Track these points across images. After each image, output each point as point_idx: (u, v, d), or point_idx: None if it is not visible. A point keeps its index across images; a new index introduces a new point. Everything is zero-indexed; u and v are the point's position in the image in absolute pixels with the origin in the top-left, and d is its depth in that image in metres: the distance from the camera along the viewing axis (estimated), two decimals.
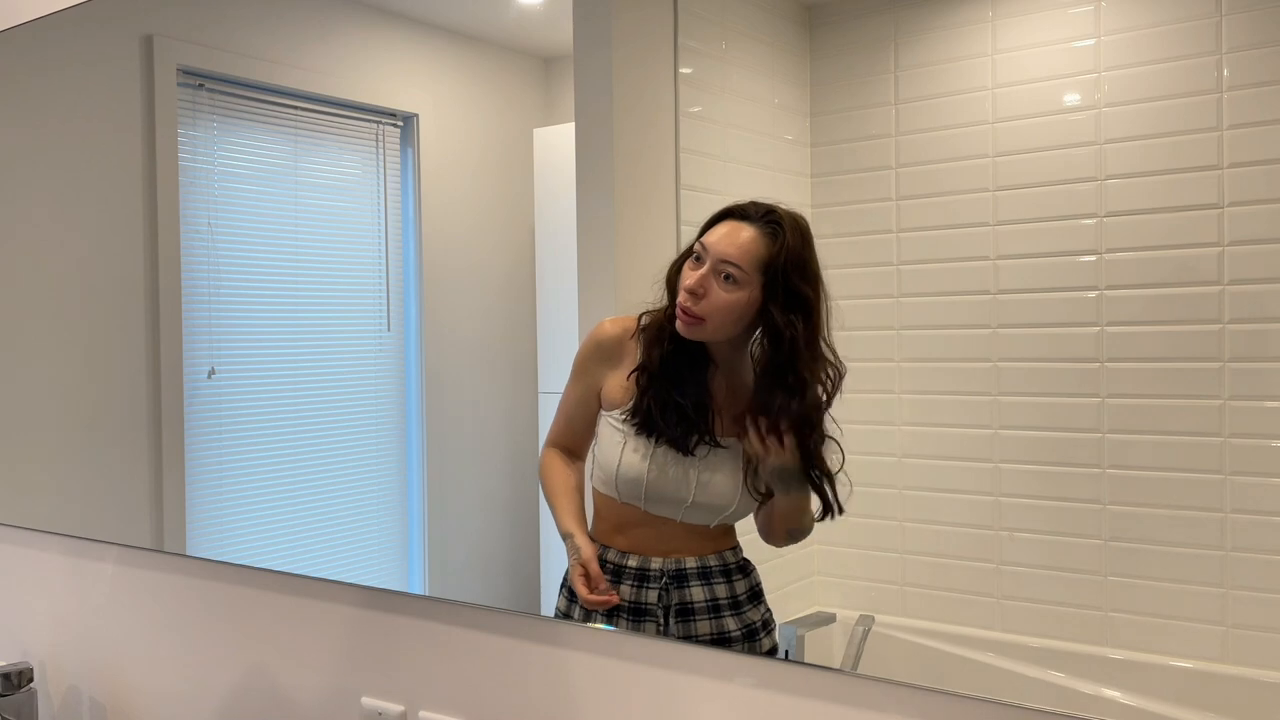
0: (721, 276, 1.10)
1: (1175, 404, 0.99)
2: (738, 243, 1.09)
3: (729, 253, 1.10)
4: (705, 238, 1.12)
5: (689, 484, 1.17)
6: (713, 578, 1.19)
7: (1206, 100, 0.97)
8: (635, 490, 1.19)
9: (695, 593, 1.18)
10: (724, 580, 1.19)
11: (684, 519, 1.18)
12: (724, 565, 1.19)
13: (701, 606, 1.18)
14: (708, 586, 1.18)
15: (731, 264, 1.09)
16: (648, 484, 1.18)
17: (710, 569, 1.19)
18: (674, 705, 1.19)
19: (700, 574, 1.19)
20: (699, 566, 1.19)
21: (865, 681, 1.07)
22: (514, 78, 1.44)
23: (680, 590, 1.19)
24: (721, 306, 1.11)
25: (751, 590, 1.19)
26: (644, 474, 1.18)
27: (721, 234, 1.11)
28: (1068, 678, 1.04)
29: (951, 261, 1.09)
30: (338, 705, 1.50)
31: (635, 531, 1.21)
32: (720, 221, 1.12)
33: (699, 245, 1.12)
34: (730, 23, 1.22)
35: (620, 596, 1.20)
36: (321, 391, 1.64)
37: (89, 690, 1.84)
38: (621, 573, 1.21)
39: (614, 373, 1.21)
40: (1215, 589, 0.97)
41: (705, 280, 1.11)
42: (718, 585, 1.18)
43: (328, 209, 1.65)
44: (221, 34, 1.70)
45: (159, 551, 1.73)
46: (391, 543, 1.58)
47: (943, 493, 1.11)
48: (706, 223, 1.13)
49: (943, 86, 1.09)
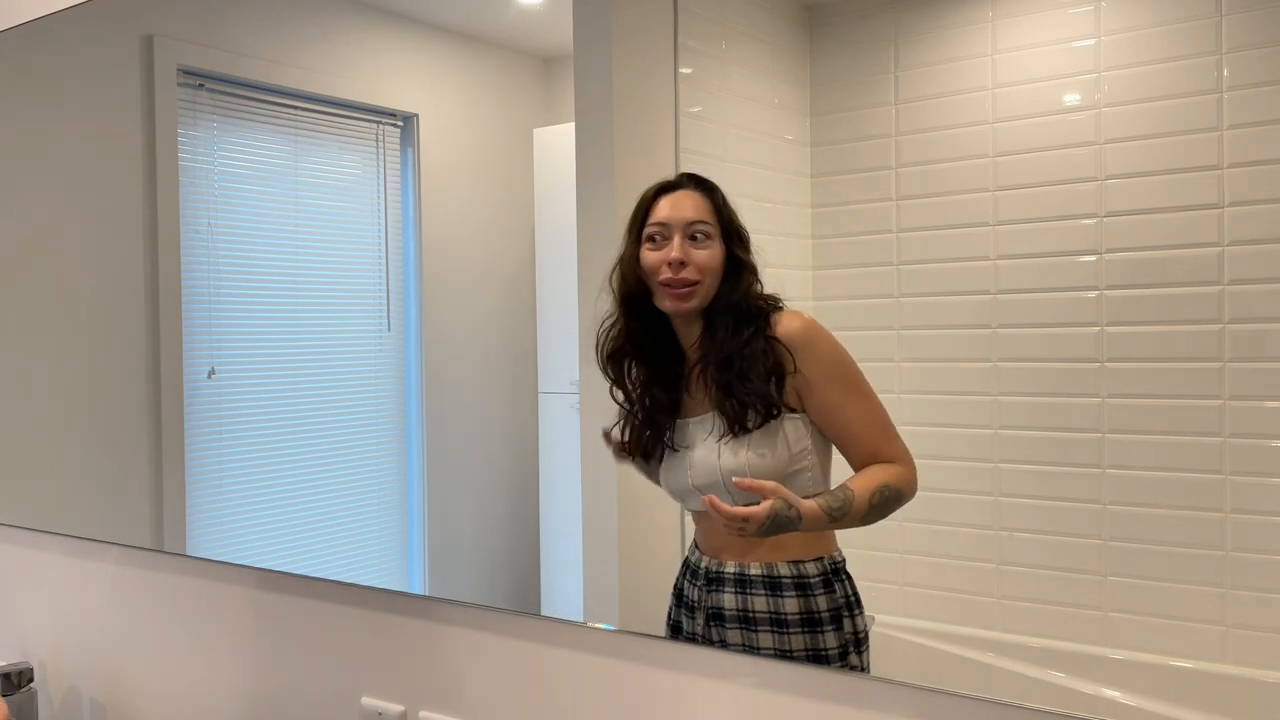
0: (692, 238, 1.14)
1: (1175, 404, 0.99)
2: (693, 205, 1.15)
3: (691, 215, 1.14)
4: (655, 217, 1.16)
5: (685, 469, 1.17)
6: (751, 587, 1.13)
7: (1206, 100, 0.96)
8: (666, 490, 1.20)
9: (728, 599, 1.14)
10: (766, 593, 1.12)
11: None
12: (770, 577, 1.12)
13: (733, 615, 1.14)
14: (742, 596, 1.13)
15: (698, 222, 1.14)
16: (667, 484, 1.19)
17: (749, 578, 1.13)
18: (674, 705, 1.19)
19: (737, 581, 1.14)
20: (736, 573, 1.14)
21: (865, 681, 1.07)
22: (514, 78, 1.44)
23: (715, 594, 1.15)
24: (706, 264, 1.14)
25: (808, 615, 1.10)
26: (663, 478, 1.20)
27: (671, 205, 1.15)
28: (1068, 678, 1.04)
29: (951, 261, 1.09)
30: (338, 705, 1.50)
31: (701, 529, 1.20)
32: (655, 201, 1.16)
33: (654, 226, 1.16)
34: (730, 23, 1.22)
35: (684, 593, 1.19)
36: (321, 391, 1.64)
37: (89, 690, 1.84)
38: (686, 566, 1.21)
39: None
40: (1215, 589, 0.97)
41: (683, 247, 1.14)
42: (756, 597, 1.13)
43: (328, 209, 1.65)
44: (221, 34, 1.70)
45: (159, 551, 1.73)
46: (391, 543, 1.58)
47: (942, 493, 1.11)
48: (636, 213, 1.17)
49: (943, 86, 1.09)
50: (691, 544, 1.21)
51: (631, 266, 1.17)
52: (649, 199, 1.17)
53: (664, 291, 1.15)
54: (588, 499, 1.30)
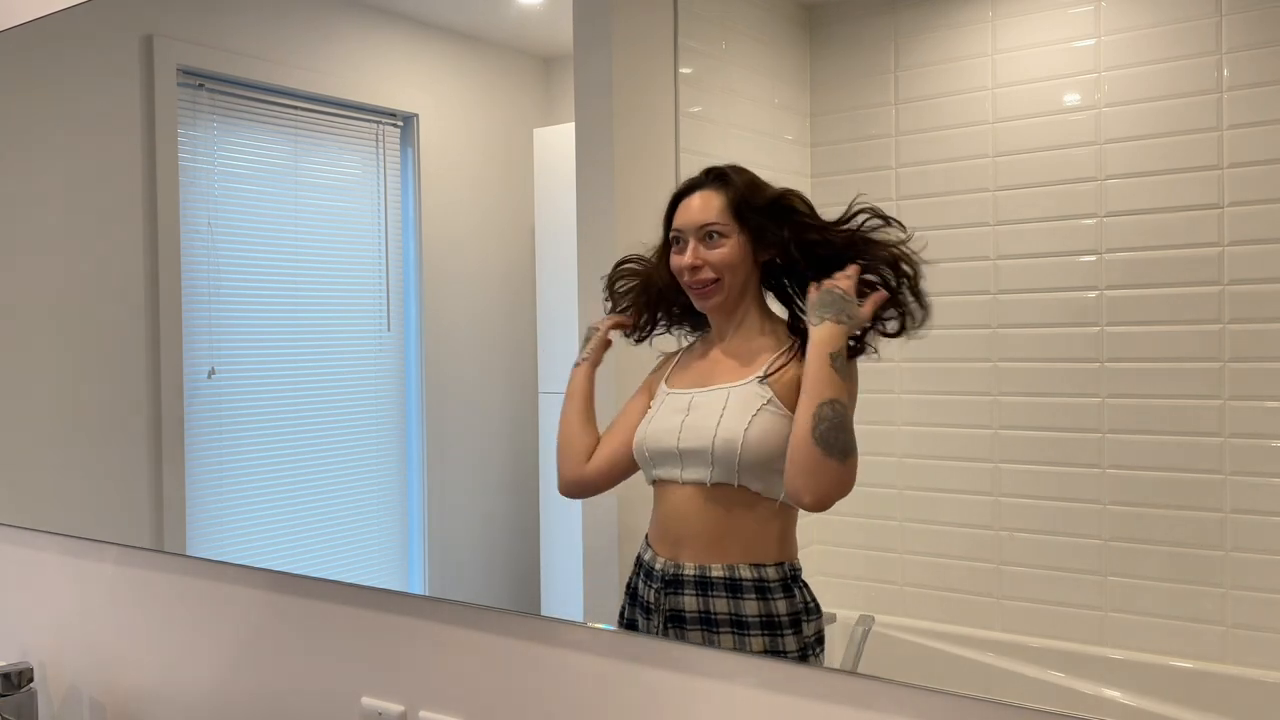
0: (706, 238, 1.15)
1: (1175, 404, 0.99)
2: (704, 206, 1.16)
3: (701, 218, 1.16)
4: (675, 223, 1.18)
5: (676, 429, 1.17)
6: (712, 589, 1.14)
7: (1206, 100, 0.97)
8: (641, 449, 1.20)
9: (688, 601, 1.15)
10: (727, 595, 1.14)
11: (684, 478, 1.16)
12: (731, 579, 1.13)
13: (693, 617, 1.15)
14: (703, 598, 1.15)
15: (708, 224, 1.15)
16: (646, 436, 1.19)
17: (711, 580, 1.14)
18: (674, 705, 1.19)
19: (697, 584, 1.15)
20: (696, 575, 1.15)
21: (865, 681, 1.07)
22: (514, 78, 1.44)
23: (673, 596, 1.16)
24: (721, 261, 1.15)
25: (768, 618, 1.12)
26: (645, 432, 1.20)
27: (684, 209, 1.17)
28: (1068, 678, 1.04)
29: (951, 261, 1.09)
30: (338, 705, 1.50)
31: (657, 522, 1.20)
32: (677, 205, 1.18)
33: (675, 232, 1.18)
34: (730, 23, 1.22)
35: (639, 593, 1.20)
36: (321, 391, 1.64)
37: (89, 690, 1.84)
38: (639, 564, 1.21)
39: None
40: (1215, 589, 0.97)
41: (696, 251, 1.16)
42: (716, 599, 1.14)
43: (328, 209, 1.65)
44: (221, 34, 1.70)
45: (159, 551, 1.73)
46: (391, 543, 1.58)
47: (943, 493, 1.11)
48: (666, 218, 1.19)
49: (943, 86, 1.09)
50: (644, 541, 1.21)
51: (662, 271, 1.20)
52: (671, 202, 1.19)
53: (690, 292, 1.18)
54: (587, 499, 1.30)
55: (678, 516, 1.17)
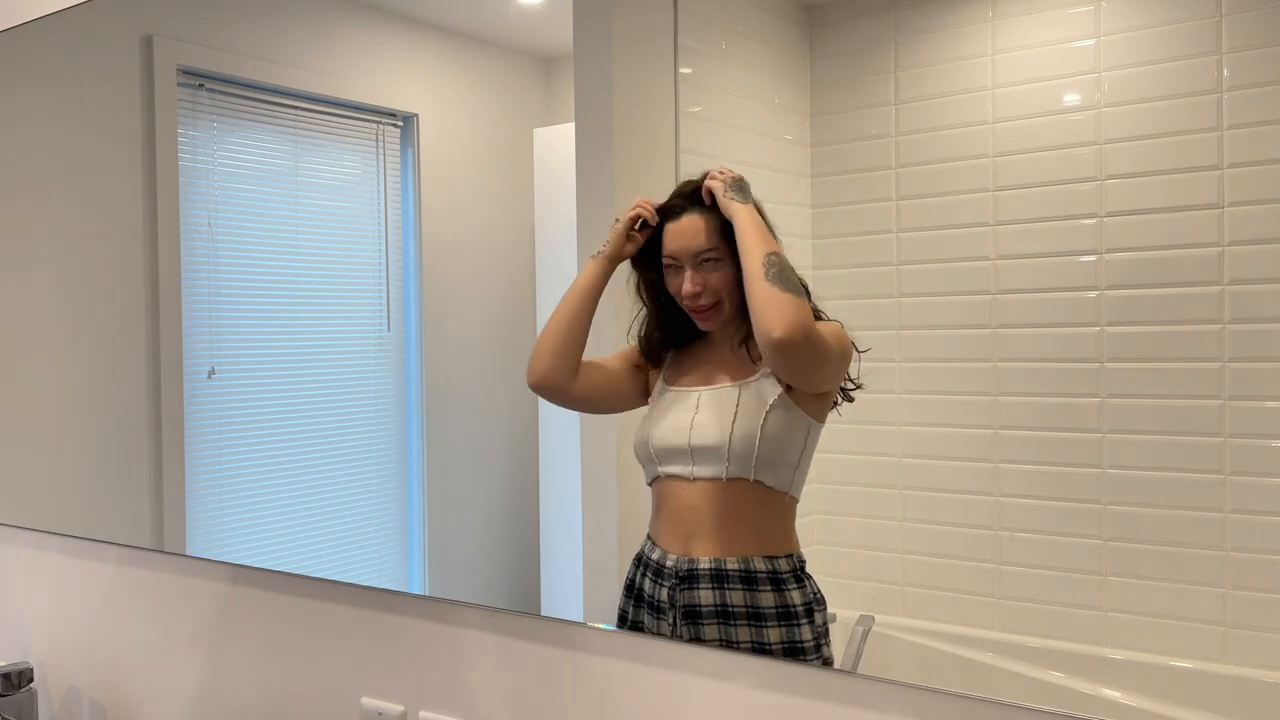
0: (702, 263, 1.16)
1: (1175, 404, 0.99)
2: (695, 232, 1.17)
3: (693, 245, 1.16)
4: (665, 249, 1.18)
5: (686, 427, 1.17)
6: (728, 582, 1.14)
7: (1206, 100, 0.97)
8: (645, 448, 1.20)
9: (704, 595, 1.15)
10: (744, 588, 1.14)
11: (696, 474, 1.16)
12: (747, 571, 1.14)
13: (710, 611, 1.15)
14: (720, 591, 1.14)
15: (703, 251, 1.16)
16: (653, 435, 1.19)
17: (727, 572, 1.14)
18: (675, 705, 1.19)
19: (713, 576, 1.15)
20: (712, 568, 1.15)
21: (865, 681, 1.07)
22: (514, 78, 1.44)
23: (689, 591, 1.16)
24: (721, 285, 1.16)
25: (784, 608, 1.13)
26: (650, 431, 1.20)
27: (677, 236, 1.18)
28: (1068, 678, 1.04)
29: (951, 261, 1.09)
30: (338, 705, 1.50)
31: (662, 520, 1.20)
32: (664, 227, 1.19)
33: (668, 259, 1.18)
34: (730, 23, 1.22)
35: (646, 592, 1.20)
36: (321, 392, 1.64)
37: (89, 690, 1.84)
38: (643, 563, 1.20)
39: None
40: (1215, 589, 0.97)
41: (694, 278, 1.16)
42: (733, 591, 1.14)
43: (328, 209, 1.65)
44: (221, 34, 1.70)
45: (159, 551, 1.73)
46: (391, 543, 1.58)
47: (943, 493, 1.11)
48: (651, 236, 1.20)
49: (943, 86, 1.09)
50: (647, 539, 1.20)
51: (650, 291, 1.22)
52: (657, 228, 1.19)
53: (693, 315, 1.19)
54: (588, 499, 1.30)
55: (689, 512, 1.17)
